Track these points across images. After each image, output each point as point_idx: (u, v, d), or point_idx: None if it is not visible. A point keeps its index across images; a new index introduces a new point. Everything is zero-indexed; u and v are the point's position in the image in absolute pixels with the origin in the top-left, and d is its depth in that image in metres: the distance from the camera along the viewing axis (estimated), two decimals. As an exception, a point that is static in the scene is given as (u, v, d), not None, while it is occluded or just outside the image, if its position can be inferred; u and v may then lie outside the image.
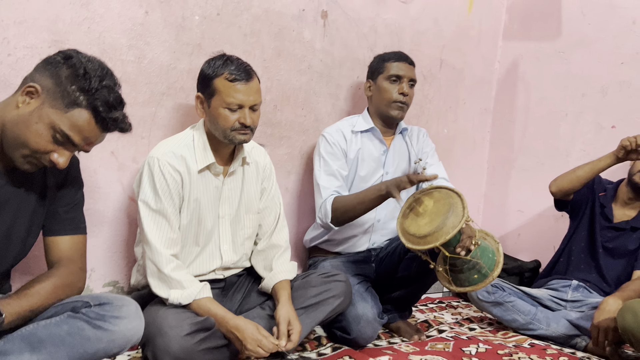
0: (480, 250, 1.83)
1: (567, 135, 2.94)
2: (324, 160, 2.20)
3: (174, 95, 2.06)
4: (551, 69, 3.01)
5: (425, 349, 2.07)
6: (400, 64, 2.25)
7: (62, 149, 1.32)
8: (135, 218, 1.99)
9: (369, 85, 2.31)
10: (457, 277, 1.88)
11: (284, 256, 1.92)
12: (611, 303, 2.10)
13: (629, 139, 2.18)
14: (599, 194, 2.52)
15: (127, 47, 1.94)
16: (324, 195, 2.12)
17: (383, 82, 2.24)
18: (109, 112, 1.32)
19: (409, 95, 2.24)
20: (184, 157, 1.75)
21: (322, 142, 2.23)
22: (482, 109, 3.23)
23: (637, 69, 2.68)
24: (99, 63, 1.35)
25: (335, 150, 2.21)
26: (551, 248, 2.95)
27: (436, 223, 1.77)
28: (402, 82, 2.22)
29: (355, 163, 2.26)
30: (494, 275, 1.83)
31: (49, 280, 1.39)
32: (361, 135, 2.28)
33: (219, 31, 2.15)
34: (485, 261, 1.84)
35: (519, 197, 3.16)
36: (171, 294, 1.63)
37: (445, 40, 2.96)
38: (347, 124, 2.30)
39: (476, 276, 1.85)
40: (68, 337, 1.31)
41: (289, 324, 1.69)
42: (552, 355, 2.12)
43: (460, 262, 1.84)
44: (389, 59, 2.27)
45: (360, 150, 2.26)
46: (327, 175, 2.18)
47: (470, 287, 1.86)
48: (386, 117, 2.26)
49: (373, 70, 2.31)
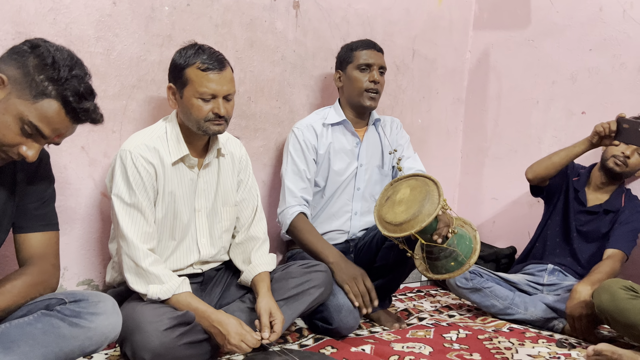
0: (457, 238, 1.84)
1: (539, 122, 2.98)
2: (292, 158, 2.18)
3: (145, 88, 2.02)
4: (521, 57, 3.04)
5: (406, 337, 2.07)
6: (369, 52, 2.23)
7: (31, 141, 1.27)
8: (109, 214, 1.95)
9: (339, 75, 2.29)
10: (434, 265, 1.88)
11: (263, 248, 1.90)
12: (581, 290, 2.13)
13: (602, 125, 2.21)
14: (572, 178, 2.56)
15: (95, 39, 1.88)
16: (288, 201, 2.13)
17: (353, 72, 2.22)
18: (80, 102, 1.27)
19: (380, 82, 2.23)
20: (157, 149, 1.71)
21: (292, 139, 2.21)
22: (455, 98, 3.26)
23: (604, 55, 2.73)
24: (68, 52, 1.31)
25: (304, 148, 2.18)
26: (526, 234, 2.99)
27: (412, 211, 1.77)
28: (372, 70, 2.21)
29: (327, 157, 2.24)
30: (470, 262, 1.84)
31: (21, 278, 1.35)
32: (332, 129, 2.26)
33: (190, 22, 2.11)
34: (462, 249, 1.84)
35: (493, 185, 3.19)
36: (150, 289, 1.59)
37: (417, 31, 2.96)
38: (317, 117, 2.27)
39: (453, 263, 1.85)
40: (42, 336, 1.27)
41: (270, 315, 1.67)
42: (531, 338, 2.14)
43: (437, 250, 1.84)
44: (357, 48, 2.25)
45: (332, 145, 2.24)
46: (293, 174, 2.17)
47: (447, 275, 1.87)
48: (359, 106, 2.24)
49: (342, 60, 2.29)
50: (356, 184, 2.30)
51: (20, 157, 1.28)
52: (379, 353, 1.83)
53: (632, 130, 2.07)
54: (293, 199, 2.12)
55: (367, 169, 2.32)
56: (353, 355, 1.79)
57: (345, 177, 2.27)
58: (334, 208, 2.29)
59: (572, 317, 2.13)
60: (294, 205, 2.10)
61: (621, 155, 2.36)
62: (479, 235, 1.90)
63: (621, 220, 2.40)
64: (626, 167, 2.38)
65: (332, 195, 2.28)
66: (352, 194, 2.32)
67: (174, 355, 1.49)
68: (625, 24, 2.66)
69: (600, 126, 2.22)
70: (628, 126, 2.09)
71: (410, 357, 1.79)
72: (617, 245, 2.32)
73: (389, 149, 2.35)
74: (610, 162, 2.39)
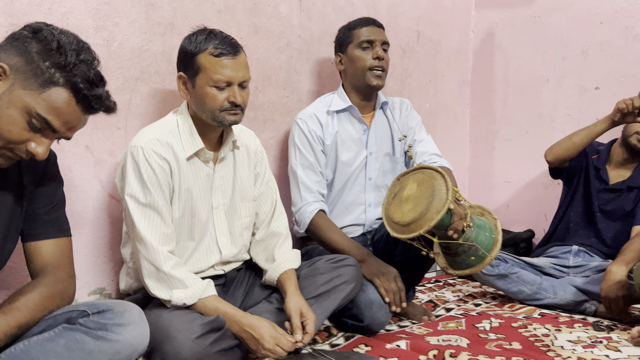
0: (475, 230, 1.69)
1: (550, 100, 2.90)
2: (300, 151, 2.06)
3: (149, 80, 1.89)
4: (528, 34, 2.96)
5: (438, 329, 1.97)
6: (369, 28, 2.10)
7: (40, 136, 1.14)
8: (118, 217, 1.82)
9: (339, 59, 2.16)
10: (454, 261, 1.75)
11: (286, 244, 1.78)
12: (615, 271, 2.05)
13: (625, 101, 2.13)
14: (591, 157, 2.48)
15: (94, 29, 1.75)
16: (305, 198, 2.01)
17: (354, 51, 2.09)
18: (91, 89, 1.15)
19: (385, 59, 2.09)
20: (170, 144, 1.58)
21: (297, 131, 2.08)
22: (461, 81, 3.16)
23: (616, 28, 2.65)
24: (74, 36, 1.18)
25: (311, 140, 2.06)
26: (542, 217, 2.91)
27: (420, 209, 1.61)
28: (375, 46, 2.08)
29: (334, 148, 2.12)
30: (492, 255, 1.69)
31: (36, 290, 1.22)
32: (338, 117, 2.13)
33: (192, 8, 1.98)
34: (481, 242, 1.69)
35: (505, 168, 3.10)
36: (174, 294, 1.47)
37: (421, 12, 2.86)
38: (321, 105, 2.14)
39: (473, 258, 1.71)
40: (66, 353, 1.15)
41: (301, 316, 1.56)
42: (566, 323, 2.06)
43: (455, 246, 1.70)
44: (355, 26, 2.12)
45: (339, 134, 2.12)
46: (305, 168, 2.05)
47: (468, 270, 1.73)
48: (365, 87, 2.10)
49: (341, 42, 2.16)
50: (367, 173, 2.18)
51: (29, 155, 1.15)
52: (416, 349, 1.73)
53: None
54: (310, 195, 2.00)
55: (377, 157, 2.20)
56: (390, 353, 1.69)
57: (355, 168, 2.15)
58: (347, 201, 2.17)
59: (608, 298, 2.05)
60: (312, 202, 1.99)
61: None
62: (499, 224, 1.76)
63: None
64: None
65: (343, 187, 2.16)
66: (364, 184, 2.20)
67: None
68: (637, -6, 2.58)
69: (622, 103, 2.14)
70: None
71: (449, 350, 1.69)
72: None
73: (398, 135, 2.22)
74: (634, 138, 2.31)
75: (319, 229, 1.97)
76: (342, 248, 1.91)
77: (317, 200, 2.01)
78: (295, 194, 2.05)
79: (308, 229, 1.99)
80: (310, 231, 2.00)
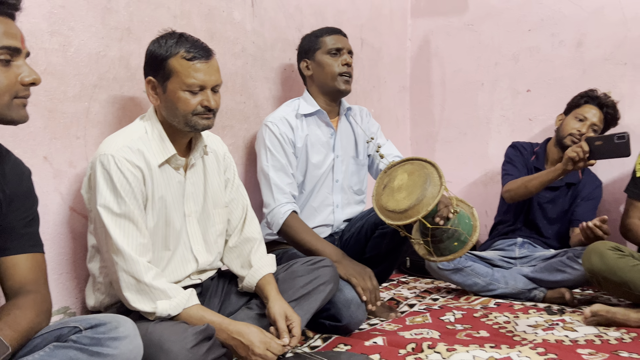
0: (458, 218, 1.81)
1: (486, 103, 3.08)
2: (271, 153, 2.06)
3: (107, 87, 1.81)
4: (462, 41, 3.12)
5: (407, 325, 2.03)
6: (336, 37, 2.19)
7: None
8: (80, 232, 1.73)
9: (306, 64, 2.21)
10: (437, 247, 1.85)
11: (261, 249, 1.77)
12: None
13: (574, 149, 2.18)
14: (530, 159, 2.64)
15: (49, 34, 1.65)
16: (277, 199, 2.01)
17: (323, 57, 2.15)
18: None
19: (352, 66, 2.19)
20: (141, 151, 1.53)
21: (267, 133, 2.09)
22: (400, 86, 3.28)
23: (543, 35, 2.87)
24: None
25: (282, 142, 2.08)
26: (484, 213, 3.07)
27: (415, 196, 1.71)
28: (343, 53, 2.16)
29: (305, 150, 2.15)
30: (473, 239, 1.82)
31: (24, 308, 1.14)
32: (307, 120, 2.17)
33: (148, 13, 1.93)
34: (463, 227, 1.82)
35: (446, 169, 3.14)
36: (158, 305, 1.42)
37: (363, 20, 2.94)
38: (289, 109, 2.17)
39: (456, 244, 1.82)
40: (60, 373, 1.08)
41: (286, 319, 1.56)
42: (521, 310, 2.19)
43: (440, 232, 1.80)
44: (322, 34, 2.19)
45: (309, 137, 2.16)
46: (276, 170, 2.05)
47: (451, 256, 1.83)
48: (334, 92, 2.17)
49: (307, 49, 2.21)
50: (334, 176, 2.23)
51: None
52: (393, 344, 1.77)
53: (606, 146, 2.11)
54: (282, 196, 2.00)
55: (343, 160, 2.26)
56: (370, 350, 1.72)
57: (324, 170, 2.19)
58: (316, 202, 2.19)
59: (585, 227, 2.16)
60: (285, 204, 1.99)
61: (577, 134, 2.46)
62: (476, 212, 1.89)
63: (583, 195, 2.51)
64: None
65: (312, 189, 2.19)
66: (332, 186, 2.24)
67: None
68: (560, 3, 2.81)
69: (572, 152, 2.18)
70: (601, 142, 2.13)
71: (426, 342, 1.75)
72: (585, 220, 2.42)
73: (363, 138, 2.30)
74: (568, 140, 2.49)
75: (292, 229, 1.97)
76: (317, 249, 1.92)
77: (290, 202, 2.01)
78: (267, 195, 2.04)
79: (281, 230, 1.98)
80: (283, 232, 1.99)
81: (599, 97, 2.50)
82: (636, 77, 2.66)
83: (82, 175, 1.72)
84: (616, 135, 2.11)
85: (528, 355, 1.64)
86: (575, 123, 2.47)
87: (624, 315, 1.92)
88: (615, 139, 2.10)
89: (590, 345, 1.76)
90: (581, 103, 2.52)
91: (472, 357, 1.63)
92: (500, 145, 2.95)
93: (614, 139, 2.10)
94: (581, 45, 2.78)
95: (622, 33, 2.68)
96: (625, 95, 2.65)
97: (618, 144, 2.09)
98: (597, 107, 2.49)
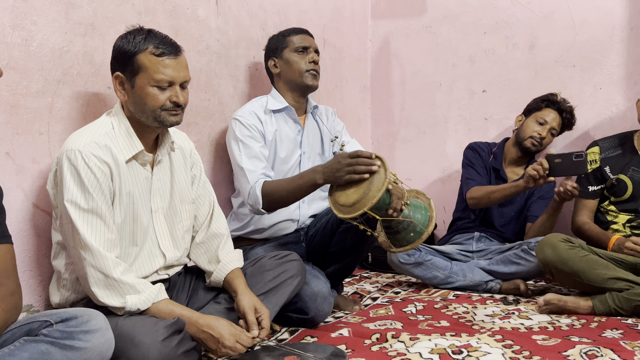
0: (411, 209, 1.85)
1: (444, 103, 3.17)
2: (244, 143, 2.08)
3: (71, 82, 1.79)
4: (421, 43, 3.22)
5: (371, 317, 2.08)
6: (303, 36, 2.26)
7: None
8: (43, 228, 1.71)
9: (274, 63, 2.25)
10: (395, 239, 1.90)
11: (228, 244, 1.79)
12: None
13: (534, 167, 2.24)
14: (488, 159, 2.75)
15: (10, 28, 1.63)
16: (251, 180, 2.01)
17: (290, 55, 2.21)
18: None
19: (318, 63, 2.25)
20: (109, 146, 1.53)
21: (237, 126, 2.11)
22: (362, 86, 3.34)
23: (498, 37, 2.99)
24: None
25: (253, 132, 2.11)
26: (442, 209, 3.17)
27: (362, 189, 1.74)
28: (310, 52, 2.23)
29: (273, 145, 2.19)
30: (429, 230, 1.85)
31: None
32: (275, 116, 2.21)
33: (112, 9, 1.91)
34: (418, 219, 1.86)
35: (406, 167, 3.33)
36: (127, 300, 1.42)
37: (326, 20, 2.99)
38: (257, 104, 2.20)
39: (412, 234, 1.86)
40: (31, 366, 1.07)
41: (256, 312, 1.58)
42: (479, 301, 2.28)
43: (395, 224, 1.85)
44: (289, 34, 2.26)
45: (277, 132, 2.19)
46: (249, 158, 2.06)
47: (409, 246, 1.87)
48: (302, 87, 2.22)
49: (274, 48, 2.26)
50: (301, 172, 2.25)
51: None
52: (358, 334, 1.82)
53: (565, 163, 2.19)
54: (255, 176, 2.00)
55: (309, 156, 2.30)
56: (337, 341, 1.76)
57: (290, 165, 2.23)
58: None
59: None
60: (256, 180, 1.99)
61: (538, 137, 2.59)
62: (433, 203, 1.92)
63: (538, 194, 2.63)
64: (541, 147, 2.62)
65: None
66: None
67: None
68: (514, 7, 2.93)
69: (532, 170, 2.25)
70: (560, 160, 2.21)
71: (390, 332, 1.80)
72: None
73: (328, 136, 2.35)
74: (528, 142, 2.61)
75: (272, 192, 1.94)
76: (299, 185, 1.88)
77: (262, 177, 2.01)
78: (243, 183, 2.02)
79: (264, 201, 1.95)
80: (267, 201, 1.95)
81: (559, 102, 2.63)
82: (584, 79, 2.81)
83: (46, 171, 1.70)
84: (574, 153, 2.19)
85: (487, 342, 1.72)
86: (536, 126, 2.59)
87: (574, 304, 2.04)
88: (573, 157, 2.18)
89: (544, 331, 1.86)
90: (542, 107, 2.64)
91: (435, 345, 1.70)
92: (457, 143, 3.07)
93: (573, 157, 2.18)
94: (533, 48, 2.91)
95: (571, 37, 2.82)
96: (574, 95, 2.79)
97: (576, 162, 2.17)
98: (556, 111, 2.62)
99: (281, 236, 2.22)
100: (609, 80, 2.75)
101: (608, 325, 1.90)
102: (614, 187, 2.37)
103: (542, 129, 2.59)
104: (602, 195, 2.43)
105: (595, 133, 2.77)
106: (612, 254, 2.14)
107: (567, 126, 2.68)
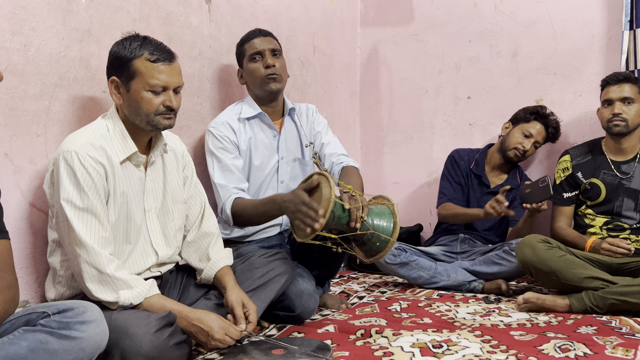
0: (374, 217, 1.83)
1: (430, 109, 3.26)
2: (216, 156, 2.14)
3: (68, 86, 1.86)
4: (408, 51, 3.30)
5: (357, 314, 2.15)
6: (256, 40, 2.21)
7: None
8: (39, 227, 1.77)
9: (240, 74, 2.30)
10: (365, 250, 1.89)
11: (218, 243, 1.85)
12: None
13: (491, 205, 2.40)
14: (469, 166, 2.83)
15: (10, 33, 1.70)
16: (223, 196, 2.06)
17: (248, 65, 2.22)
18: None
19: (278, 65, 2.19)
20: (104, 148, 1.60)
21: (210, 138, 2.16)
22: (351, 92, 3.43)
23: (482, 45, 3.08)
24: None
25: (225, 144, 2.14)
26: (428, 212, 3.25)
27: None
28: (265, 56, 2.19)
29: (248, 153, 2.21)
30: (393, 237, 1.83)
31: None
32: (249, 123, 2.23)
33: (108, 15, 1.99)
34: (383, 226, 1.83)
35: (394, 171, 3.41)
36: (120, 295, 1.49)
37: (316, 27, 3.08)
38: (232, 113, 2.23)
39: (378, 244, 1.84)
40: (30, 355, 1.15)
41: (243, 307, 1.65)
42: (461, 300, 2.36)
43: (359, 236, 1.82)
44: (245, 41, 2.25)
45: (252, 139, 2.22)
46: (221, 171, 2.11)
47: (378, 255, 1.86)
48: (267, 94, 2.21)
49: (238, 58, 2.30)
50: (279, 177, 2.29)
51: None
52: (344, 330, 1.89)
53: (534, 191, 2.34)
54: (227, 192, 2.06)
55: (288, 161, 2.31)
56: (323, 336, 1.83)
57: (268, 172, 2.25)
58: None
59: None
60: (228, 197, 2.04)
61: (521, 149, 2.68)
62: (397, 208, 1.90)
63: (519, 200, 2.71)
64: (523, 159, 2.72)
65: (257, 190, 2.25)
66: (277, 187, 2.30)
67: (166, 358, 1.40)
68: (498, 17, 3.02)
69: (490, 208, 2.41)
70: (530, 190, 2.36)
71: (374, 328, 1.87)
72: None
73: (306, 141, 2.34)
74: (511, 153, 2.71)
75: (241, 211, 1.98)
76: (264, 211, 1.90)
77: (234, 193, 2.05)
78: (217, 198, 2.10)
79: (233, 219, 2.01)
80: (236, 219, 2.01)
81: (547, 116, 2.72)
82: (564, 86, 2.90)
83: (43, 172, 1.77)
84: (539, 180, 2.34)
85: (466, 337, 1.80)
86: (521, 138, 2.68)
87: (552, 302, 2.12)
88: (539, 184, 2.33)
89: (522, 328, 1.93)
90: (530, 119, 2.72)
91: (416, 340, 1.77)
92: (443, 148, 3.15)
93: (539, 184, 2.33)
94: (516, 56, 3.00)
95: (552, 46, 2.92)
96: (555, 102, 2.89)
97: (542, 187, 2.31)
98: (543, 125, 2.71)
99: (265, 238, 2.27)
100: (588, 87, 2.84)
101: (583, 322, 1.98)
102: (588, 192, 2.47)
103: (527, 141, 2.68)
104: (578, 200, 2.53)
105: (576, 139, 2.86)
106: (588, 254, 2.22)
107: (551, 139, 2.77)
